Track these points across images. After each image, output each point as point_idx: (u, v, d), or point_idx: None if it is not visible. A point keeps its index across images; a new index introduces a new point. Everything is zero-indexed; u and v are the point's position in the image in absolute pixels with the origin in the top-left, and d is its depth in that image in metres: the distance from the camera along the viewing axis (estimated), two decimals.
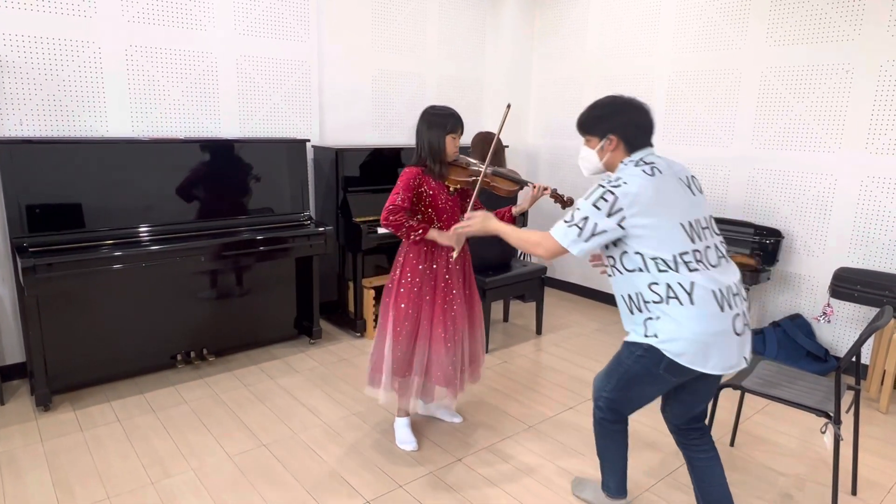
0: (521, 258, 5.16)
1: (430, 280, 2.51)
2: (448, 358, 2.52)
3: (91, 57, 3.15)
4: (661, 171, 1.83)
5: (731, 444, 2.74)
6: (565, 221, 1.87)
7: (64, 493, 2.27)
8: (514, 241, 2.06)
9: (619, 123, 1.90)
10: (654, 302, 1.80)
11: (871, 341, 3.33)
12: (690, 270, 1.76)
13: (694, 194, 1.88)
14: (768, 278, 3.72)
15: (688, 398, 1.96)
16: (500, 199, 3.33)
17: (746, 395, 2.33)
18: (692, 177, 1.94)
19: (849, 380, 2.39)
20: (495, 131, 2.56)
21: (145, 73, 3.33)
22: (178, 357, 3.33)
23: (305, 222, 3.69)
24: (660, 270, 1.78)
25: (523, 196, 2.62)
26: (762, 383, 2.33)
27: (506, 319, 4.39)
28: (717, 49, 3.94)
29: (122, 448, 2.58)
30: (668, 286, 1.77)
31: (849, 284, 3.26)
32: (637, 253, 1.81)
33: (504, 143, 3.97)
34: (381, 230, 3.75)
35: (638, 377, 1.90)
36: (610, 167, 1.95)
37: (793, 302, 3.78)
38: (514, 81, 5.08)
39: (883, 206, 3.35)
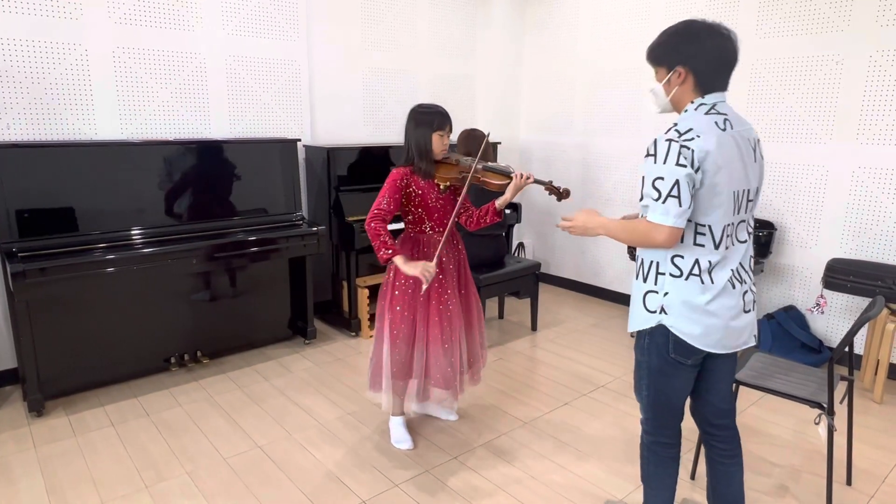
0: (516, 254, 5.15)
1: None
2: (446, 359, 2.50)
3: (78, 59, 3.13)
4: (732, 127, 1.64)
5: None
6: (654, 199, 1.61)
7: (57, 498, 2.26)
8: (624, 239, 1.76)
9: (692, 53, 1.65)
10: (672, 275, 1.67)
11: (864, 331, 3.34)
12: (725, 247, 1.64)
13: (756, 160, 1.70)
14: (762, 270, 3.73)
15: (702, 386, 1.87)
16: (490, 194, 3.30)
17: (741, 387, 2.32)
18: (758, 140, 1.74)
19: (842, 370, 2.39)
20: (486, 133, 2.51)
21: (133, 74, 3.31)
22: (172, 360, 3.31)
23: (298, 222, 3.68)
24: (695, 244, 1.64)
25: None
26: (756, 375, 2.33)
27: (501, 316, 4.39)
28: None
29: (116, 452, 2.57)
30: (696, 262, 1.65)
31: (842, 275, 3.26)
32: None
33: (493, 141, 3.92)
34: None
35: (660, 371, 1.77)
36: (677, 105, 1.72)
37: (786, 293, 3.78)
38: (506, 78, 5.07)
39: (875, 197, 3.36)
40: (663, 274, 1.70)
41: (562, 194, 2.47)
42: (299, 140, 3.81)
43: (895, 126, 3.24)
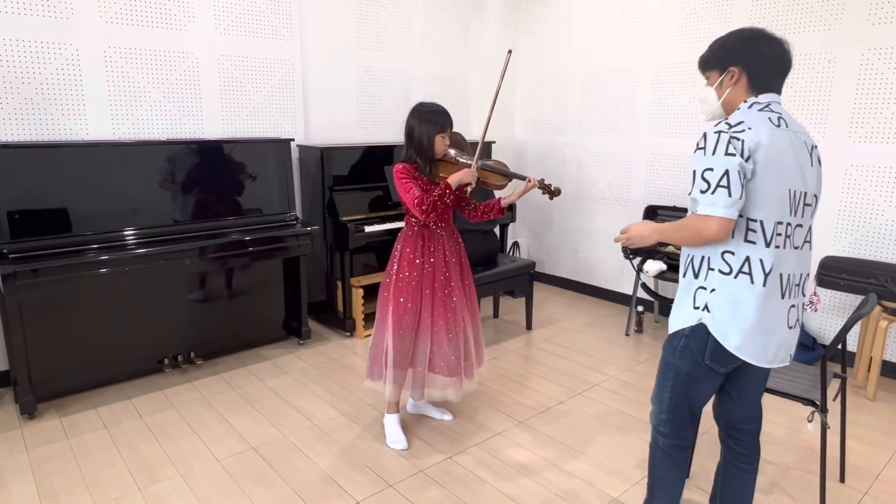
0: (510, 253, 5.15)
1: (430, 274, 2.53)
2: (451, 349, 2.56)
3: (69, 59, 3.10)
4: (787, 125, 1.61)
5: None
6: (703, 191, 1.57)
7: (50, 502, 2.24)
8: (677, 238, 1.71)
9: (745, 54, 1.64)
10: (722, 272, 1.62)
11: (857, 329, 3.35)
12: (775, 246, 1.59)
13: (812, 164, 1.65)
14: None
15: (733, 390, 1.83)
16: (489, 192, 3.33)
17: None
18: (815, 146, 1.69)
19: (835, 368, 2.40)
20: (491, 99, 2.57)
21: (125, 74, 3.29)
22: (166, 361, 3.29)
23: (292, 222, 3.67)
24: (746, 240, 1.59)
25: (513, 188, 2.62)
26: None
27: (496, 315, 4.39)
28: (700, 40, 3.93)
29: (109, 455, 2.55)
30: (747, 260, 1.59)
31: (834, 273, 3.27)
32: None
33: (463, 136, 3.92)
34: (368, 228, 3.74)
35: (689, 376, 1.72)
36: (729, 108, 1.69)
37: None
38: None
39: (867, 195, 3.37)
40: (713, 270, 1.64)
41: (553, 192, 2.59)
42: (293, 140, 3.80)
43: (887, 124, 3.25)
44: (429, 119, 2.45)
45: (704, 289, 1.66)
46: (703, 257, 1.67)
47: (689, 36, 4.00)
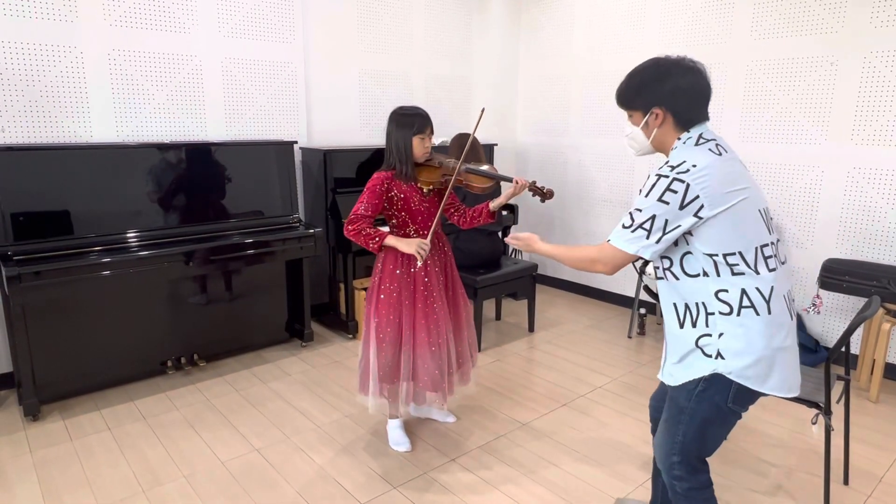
0: (513, 255, 5.16)
1: (409, 285, 2.48)
2: (434, 362, 2.49)
3: (73, 62, 3.12)
4: (725, 151, 1.57)
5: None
6: (625, 227, 1.57)
7: (54, 503, 2.24)
8: (567, 262, 1.76)
9: (666, 93, 1.58)
10: (722, 314, 1.53)
11: (860, 331, 3.35)
12: (770, 270, 1.52)
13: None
14: None
15: None
16: (477, 197, 3.32)
17: None
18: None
19: (839, 370, 2.40)
20: (472, 130, 2.52)
21: (129, 77, 3.30)
22: (169, 363, 3.30)
23: (295, 224, 3.67)
24: (734, 273, 1.51)
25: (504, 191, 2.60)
26: None
27: (498, 318, 4.39)
28: (702, 43, 3.95)
29: (113, 457, 2.56)
30: (744, 293, 1.51)
31: (837, 275, 3.27)
32: (706, 254, 1.52)
33: (490, 143, 3.90)
34: None
35: (708, 421, 1.60)
36: (661, 147, 1.65)
37: None
38: (502, 79, 5.07)
39: (869, 197, 3.37)
40: (713, 314, 1.55)
41: (545, 195, 2.49)
42: (296, 142, 3.81)
43: (889, 127, 3.25)
44: (404, 122, 2.40)
45: (710, 335, 1.56)
46: (696, 303, 1.58)
47: (691, 39, 4.01)
